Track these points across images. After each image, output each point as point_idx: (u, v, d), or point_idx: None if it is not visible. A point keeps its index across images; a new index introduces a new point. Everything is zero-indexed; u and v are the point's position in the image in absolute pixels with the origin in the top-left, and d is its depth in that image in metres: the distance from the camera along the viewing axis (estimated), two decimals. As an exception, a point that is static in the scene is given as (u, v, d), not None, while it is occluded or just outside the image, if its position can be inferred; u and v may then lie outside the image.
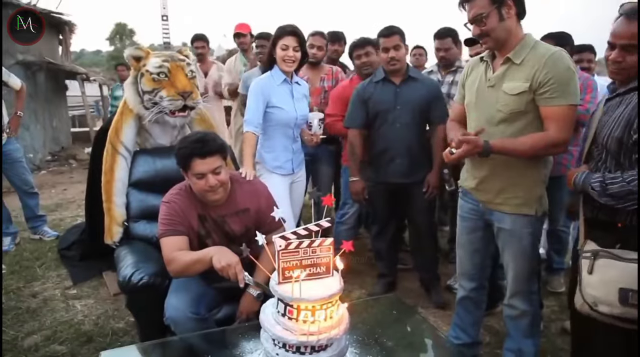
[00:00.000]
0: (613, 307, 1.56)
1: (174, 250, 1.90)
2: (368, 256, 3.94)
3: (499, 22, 1.89)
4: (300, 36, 2.71)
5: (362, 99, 2.98)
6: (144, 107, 2.66)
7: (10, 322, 2.91)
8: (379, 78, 2.97)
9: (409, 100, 2.88)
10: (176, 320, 1.93)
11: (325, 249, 1.34)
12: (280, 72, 2.76)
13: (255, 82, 2.78)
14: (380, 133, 2.94)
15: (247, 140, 2.68)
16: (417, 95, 2.88)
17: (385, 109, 2.92)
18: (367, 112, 2.96)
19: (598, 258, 1.62)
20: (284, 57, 2.69)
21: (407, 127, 2.87)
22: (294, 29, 2.70)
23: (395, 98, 2.90)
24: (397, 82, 2.92)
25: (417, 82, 2.93)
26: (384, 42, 2.85)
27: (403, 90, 2.91)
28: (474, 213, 2.20)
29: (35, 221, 4.39)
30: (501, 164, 1.99)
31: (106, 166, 2.69)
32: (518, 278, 2.11)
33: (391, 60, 2.85)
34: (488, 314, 2.78)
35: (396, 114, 2.90)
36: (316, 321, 1.25)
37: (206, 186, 1.92)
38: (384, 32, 2.87)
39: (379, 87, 2.95)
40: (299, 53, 2.71)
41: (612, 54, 1.66)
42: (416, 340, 1.88)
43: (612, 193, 1.60)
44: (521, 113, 1.91)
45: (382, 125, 2.94)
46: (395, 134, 2.87)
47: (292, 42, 2.67)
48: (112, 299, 3.19)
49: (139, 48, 2.73)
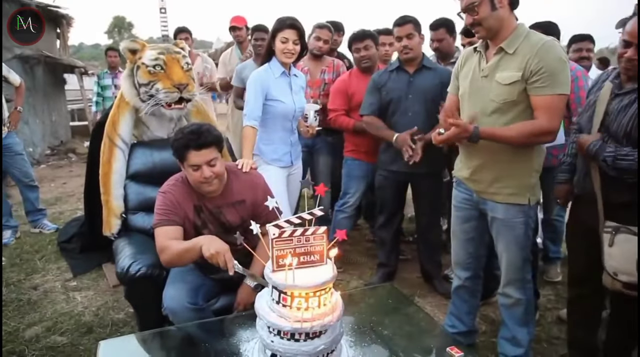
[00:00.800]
0: (631, 276, 1.77)
1: (166, 239, 1.91)
2: (366, 246, 3.97)
3: (491, 11, 1.90)
4: (300, 29, 2.71)
5: (377, 87, 2.99)
6: (141, 99, 2.67)
7: (11, 314, 2.94)
8: (394, 67, 2.98)
9: (421, 89, 2.88)
10: (174, 310, 1.95)
11: (319, 237, 1.35)
12: (279, 65, 2.76)
13: (254, 75, 2.77)
14: (392, 122, 2.94)
15: (247, 135, 2.67)
16: (430, 85, 2.87)
17: (397, 97, 2.92)
18: (381, 100, 2.98)
19: (619, 233, 1.82)
20: (283, 49, 2.68)
21: (419, 116, 2.87)
22: (294, 22, 2.69)
23: (407, 87, 2.91)
24: (410, 71, 2.93)
25: (431, 71, 2.92)
26: (397, 31, 2.86)
27: (416, 79, 2.91)
28: (468, 203, 2.22)
29: (35, 215, 4.42)
30: (494, 153, 2.01)
31: (104, 159, 2.70)
32: (511, 267, 2.13)
33: (404, 49, 2.85)
34: (484, 303, 2.81)
35: (408, 103, 2.90)
36: (310, 307, 1.27)
37: (201, 177, 1.93)
38: (397, 21, 2.87)
39: (393, 76, 2.96)
40: (298, 46, 2.71)
41: (627, 52, 1.75)
42: (412, 329, 1.89)
43: (620, 167, 1.77)
44: (514, 103, 1.93)
45: (394, 113, 2.95)
46: (408, 122, 2.86)
47: (292, 36, 2.67)
48: (111, 291, 3.22)
49: (134, 40, 2.73)
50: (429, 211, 3.15)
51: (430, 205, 3.13)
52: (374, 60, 3.28)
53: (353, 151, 3.36)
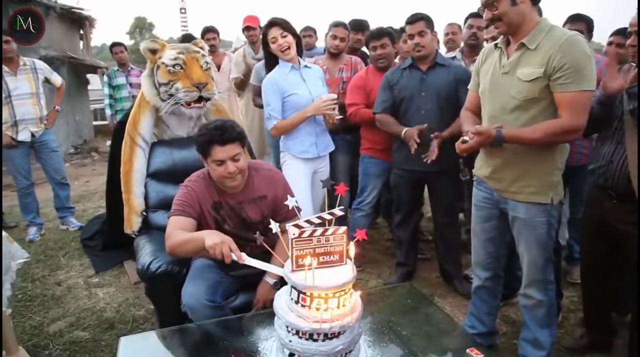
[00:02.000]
0: None
1: (175, 228, 1.92)
2: (385, 245, 3.95)
3: (511, 6, 1.86)
4: (280, 22, 2.76)
5: (390, 85, 2.97)
6: (160, 99, 2.70)
7: (36, 309, 3.01)
8: (406, 64, 2.96)
9: (434, 87, 2.86)
10: (193, 307, 1.97)
11: (339, 238, 1.34)
12: (286, 62, 2.82)
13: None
14: (405, 119, 2.92)
15: (284, 124, 2.81)
16: (443, 82, 2.84)
17: (410, 95, 2.90)
18: (394, 97, 2.96)
19: None
20: (277, 48, 2.77)
21: (432, 114, 2.84)
22: (271, 20, 2.78)
23: (420, 84, 2.89)
24: (423, 69, 2.90)
25: (444, 68, 2.89)
26: (409, 28, 2.83)
27: (429, 77, 2.88)
28: (489, 202, 2.19)
29: (64, 212, 4.56)
30: (516, 151, 1.97)
31: (125, 157, 2.74)
32: (533, 267, 2.09)
33: (416, 47, 2.83)
34: (505, 304, 2.77)
35: (421, 101, 2.88)
36: (329, 308, 1.26)
37: (225, 172, 1.95)
38: (409, 19, 2.85)
39: (406, 74, 2.94)
40: (287, 37, 2.76)
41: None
42: (431, 329, 1.87)
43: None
44: (535, 100, 1.88)
45: (407, 111, 2.93)
46: (420, 120, 2.83)
47: (276, 32, 2.74)
48: (132, 288, 3.26)
49: (154, 40, 2.76)
50: (445, 210, 3.12)
51: (446, 203, 3.10)
52: (390, 59, 3.25)
53: (370, 149, 3.34)
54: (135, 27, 38.09)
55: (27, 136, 4.12)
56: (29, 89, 4.11)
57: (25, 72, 4.12)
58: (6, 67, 4.01)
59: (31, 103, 4.11)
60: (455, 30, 4.09)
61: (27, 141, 4.13)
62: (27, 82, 4.10)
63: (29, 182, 4.27)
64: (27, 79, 4.12)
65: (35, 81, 4.16)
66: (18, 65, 4.07)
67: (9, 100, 4.01)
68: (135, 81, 5.60)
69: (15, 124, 4.05)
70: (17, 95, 4.04)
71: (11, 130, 4.05)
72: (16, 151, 4.13)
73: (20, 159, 4.18)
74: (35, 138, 4.17)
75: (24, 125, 4.08)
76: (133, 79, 5.63)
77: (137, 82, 5.54)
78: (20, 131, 4.08)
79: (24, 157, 4.20)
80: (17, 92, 4.04)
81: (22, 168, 4.20)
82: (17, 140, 4.07)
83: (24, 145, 4.15)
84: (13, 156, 4.16)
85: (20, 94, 4.05)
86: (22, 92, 4.06)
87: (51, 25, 8.65)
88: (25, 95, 4.08)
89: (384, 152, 3.25)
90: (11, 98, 4.02)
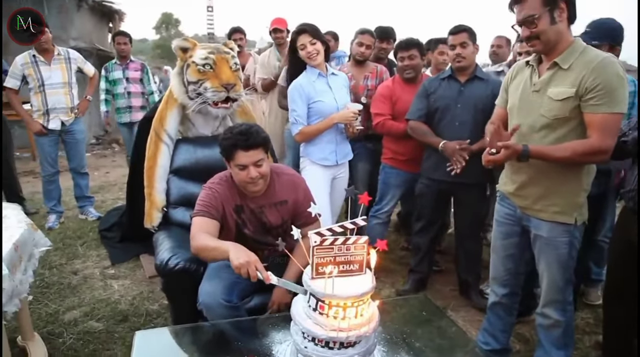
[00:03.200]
0: None
1: (200, 229, 1.94)
2: (400, 255, 3.94)
3: (550, 24, 1.84)
4: (309, 30, 2.78)
5: (427, 93, 2.98)
6: (188, 97, 2.73)
7: (53, 297, 3.06)
8: (445, 75, 2.97)
9: (471, 99, 2.85)
10: (209, 306, 1.98)
11: (360, 247, 1.34)
12: (313, 69, 2.85)
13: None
14: (438, 129, 2.91)
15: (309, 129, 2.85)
16: (481, 95, 2.82)
17: (445, 106, 2.90)
18: (429, 106, 2.96)
19: None
20: (305, 55, 2.80)
21: (467, 127, 2.83)
22: (300, 27, 2.81)
23: (457, 96, 2.88)
24: (462, 81, 2.90)
25: (482, 82, 2.88)
26: (452, 39, 2.84)
27: (467, 89, 2.88)
28: (511, 218, 2.17)
29: (83, 201, 4.64)
30: (542, 170, 1.95)
31: (149, 153, 2.78)
32: (552, 287, 2.06)
33: (457, 57, 2.83)
34: (520, 321, 2.73)
35: (457, 112, 2.87)
36: (346, 317, 1.26)
37: (247, 177, 1.96)
38: (452, 29, 2.86)
39: (444, 84, 2.94)
40: (316, 44, 2.78)
41: None
42: (444, 342, 1.86)
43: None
44: (565, 119, 1.87)
45: (440, 121, 2.92)
46: (454, 132, 2.83)
47: (305, 39, 2.77)
48: (147, 282, 3.30)
49: (186, 39, 2.79)
50: (469, 222, 3.10)
51: (471, 216, 3.08)
52: (417, 70, 3.25)
53: (391, 159, 3.34)
54: (162, 23, 38.58)
55: (57, 125, 4.21)
56: (62, 78, 4.19)
57: (59, 61, 4.20)
58: (41, 56, 4.10)
59: (63, 92, 4.20)
60: (501, 43, 4.07)
61: (57, 130, 4.22)
62: (60, 71, 4.19)
63: (55, 170, 4.36)
64: (60, 68, 4.20)
65: (68, 71, 4.24)
66: (53, 54, 4.16)
67: (42, 89, 4.10)
68: (133, 76, 5.06)
69: (46, 112, 4.14)
70: (50, 84, 4.13)
71: (42, 119, 4.15)
72: (45, 139, 4.23)
73: (49, 147, 4.28)
74: (65, 127, 4.26)
75: (55, 114, 4.18)
76: (131, 72, 5.07)
77: (135, 77, 5.06)
78: (51, 120, 4.18)
79: (52, 145, 4.30)
80: (50, 81, 4.12)
81: (50, 156, 4.30)
82: (47, 128, 4.16)
83: (54, 133, 4.24)
84: (42, 143, 4.26)
85: (53, 83, 4.14)
86: (54, 82, 4.15)
87: (82, 17, 8.83)
88: (58, 84, 4.17)
89: (405, 163, 3.25)
90: (44, 87, 4.11)
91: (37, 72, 4.07)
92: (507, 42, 4.08)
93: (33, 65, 4.08)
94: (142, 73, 5.13)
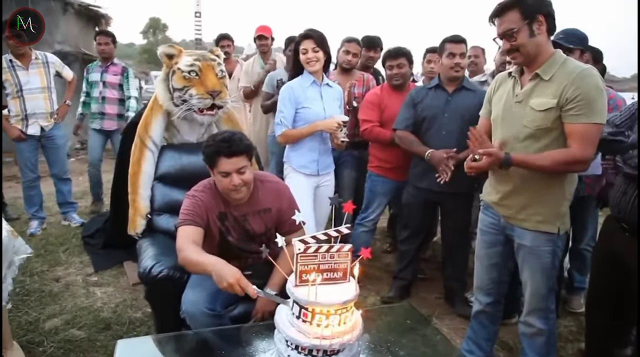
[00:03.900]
0: None
1: (187, 239, 1.92)
2: (385, 262, 3.94)
3: (530, 37, 1.88)
4: (315, 37, 2.78)
5: (414, 103, 3.00)
6: (174, 103, 2.72)
7: (33, 304, 3.00)
8: (433, 84, 2.99)
9: (458, 109, 2.87)
10: (192, 314, 1.97)
11: (344, 255, 1.35)
12: (309, 75, 2.85)
13: (285, 87, 2.88)
14: (425, 139, 2.94)
15: (291, 133, 2.85)
16: (468, 105, 2.84)
17: (433, 115, 2.92)
18: (416, 116, 2.98)
19: None
20: (305, 59, 2.80)
21: (453, 136, 2.84)
22: (308, 32, 2.81)
23: (445, 105, 2.91)
24: (449, 90, 2.93)
25: (470, 92, 2.91)
26: (452, 47, 2.86)
27: (454, 99, 2.91)
28: (495, 227, 2.19)
29: (66, 207, 4.56)
30: (526, 179, 1.98)
31: (134, 159, 2.75)
32: (536, 295, 2.09)
33: (455, 66, 2.86)
34: (503, 324, 2.75)
35: (443, 122, 2.89)
36: (330, 325, 1.26)
37: (230, 184, 1.95)
38: (452, 38, 2.89)
39: (431, 93, 2.97)
40: (318, 53, 2.79)
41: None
42: (429, 351, 1.86)
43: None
44: (547, 130, 1.90)
45: (428, 130, 2.94)
46: (441, 141, 2.85)
47: (309, 45, 2.78)
48: (131, 289, 3.26)
49: (172, 46, 2.78)
50: (455, 231, 3.12)
51: (458, 225, 3.09)
52: (405, 78, 3.28)
53: (378, 167, 3.35)
54: (149, 27, 38.52)
55: (36, 130, 4.14)
56: (41, 83, 4.12)
57: (37, 66, 4.12)
58: (18, 61, 4.03)
59: (42, 97, 4.13)
60: (477, 53, 4.12)
61: (36, 135, 4.16)
62: (38, 76, 4.11)
63: (35, 175, 4.29)
64: (39, 73, 4.12)
65: (47, 75, 4.17)
66: (30, 59, 4.08)
67: (20, 94, 4.03)
68: (110, 80, 4.61)
69: (25, 117, 4.07)
70: (29, 89, 4.06)
71: (21, 124, 4.07)
72: (25, 144, 4.15)
73: (28, 153, 4.21)
74: (44, 132, 4.19)
75: (34, 119, 4.11)
76: (109, 76, 4.61)
77: (113, 82, 4.61)
78: (30, 125, 4.10)
79: (32, 150, 4.23)
80: (28, 86, 4.05)
81: (29, 161, 4.23)
82: (26, 134, 4.10)
83: (33, 139, 4.17)
84: (22, 149, 4.18)
85: (31, 88, 4.07)
86: (33, 86, 4.08)
87: (68, 21, 8.74)
88: (37, 89, 4.10)
89: (392, 171, 3.27)
90: (22, 92, 4.03)
91: (15, 77, 3.99)
92: (483, 52, 4.15)
93: (10, 70, 3.99)
94: (122, 77, 4.63)
